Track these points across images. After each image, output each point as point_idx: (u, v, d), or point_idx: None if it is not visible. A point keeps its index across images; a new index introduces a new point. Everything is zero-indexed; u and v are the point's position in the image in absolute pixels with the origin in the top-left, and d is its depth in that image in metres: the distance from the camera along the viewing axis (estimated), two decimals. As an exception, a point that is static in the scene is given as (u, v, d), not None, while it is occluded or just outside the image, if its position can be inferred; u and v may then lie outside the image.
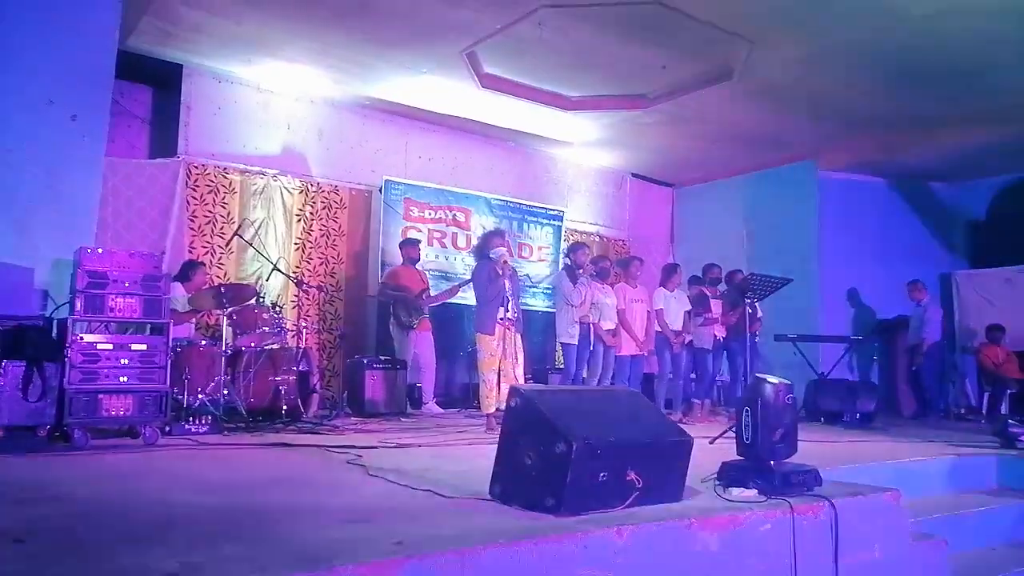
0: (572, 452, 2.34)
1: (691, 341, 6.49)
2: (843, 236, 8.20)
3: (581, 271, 5.75)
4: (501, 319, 4.88)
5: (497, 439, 2.56)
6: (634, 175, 9.48)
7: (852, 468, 3.51)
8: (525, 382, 5.19)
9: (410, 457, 3.63)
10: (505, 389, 4.88)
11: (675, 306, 6.50)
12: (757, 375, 2.98)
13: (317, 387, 5.58)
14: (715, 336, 6.55)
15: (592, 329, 5.91)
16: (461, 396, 7.27)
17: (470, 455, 3.74)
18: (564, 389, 2.74)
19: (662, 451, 2.63)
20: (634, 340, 6.23)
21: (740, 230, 8.85)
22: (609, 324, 6.13)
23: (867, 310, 8.36)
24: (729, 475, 2.92)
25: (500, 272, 4.92)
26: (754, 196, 8.83)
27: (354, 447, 3.85)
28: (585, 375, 5.99)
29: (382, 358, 6.24)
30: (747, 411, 2.91)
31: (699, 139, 8.05)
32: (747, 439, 2.91)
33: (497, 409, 4.82)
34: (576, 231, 8.74)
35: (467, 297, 7.22)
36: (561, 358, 6.17)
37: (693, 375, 6.60)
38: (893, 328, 7.92)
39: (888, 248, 8.35)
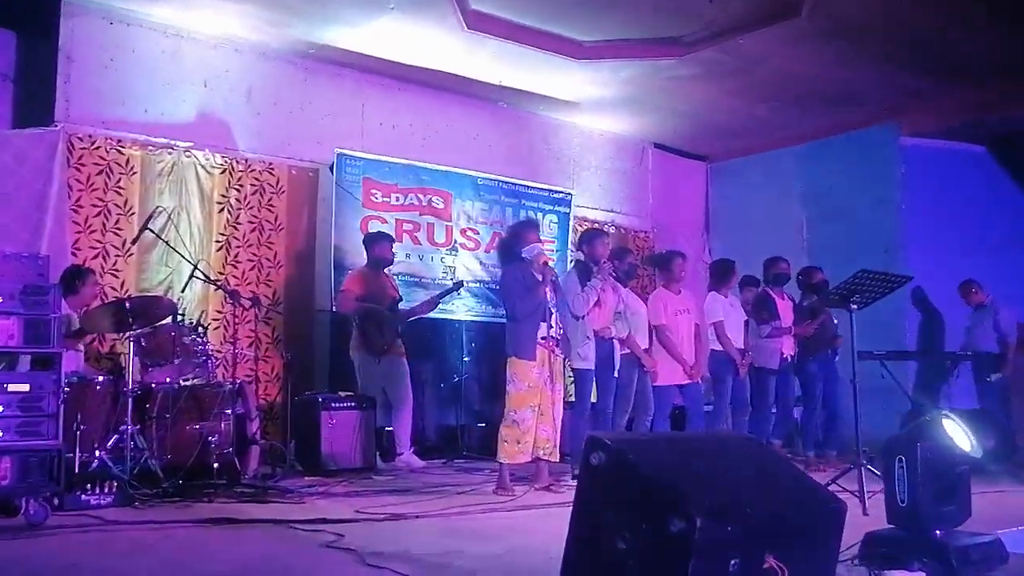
0: (695, 531, 2.13)
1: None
2: (933, 221, 8.18)
3: (598, 271, 5.57)
4: (544, 339, 4.93)
5: (512, 500, 2.47)
6: (658, 146, 9.57)
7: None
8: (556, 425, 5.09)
9: (411, 534, 3.57)
10: (541, 433, 4.98)
11: (735, 317, 6.54)
12: (916, 409, 2.81)
13: (257, 436, 5.38)
14: (782, 353, 6.59)
15: (617, 347, 5.81)
16: (444, 442, 7.27)
17: (495, 529, 3.68)
18: (659, 437, 2.68)
19: (807, 524, 2.45)
20: (681, 365, 6.14)
21: (797, 216, 8.88)
22: (644, 340, 6.07)
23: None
24: (880, 552, 2.80)
25: (540, 277, 4.97)
26: (816, 171, 8.83)
27: (327, 521, 3.76)
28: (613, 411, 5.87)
29: (342, 394, 6.08)
30: (901, 462, 2.82)
31: (746, 97, 8.06)
32: (902, 501, 2.82)
33: (533, 459, 4.89)
34: (585, 219, 8.70)
35: (455, 311, 7.26)
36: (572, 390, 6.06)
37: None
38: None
39: (987, 236, 8.36)
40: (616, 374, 5.80)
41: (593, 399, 5.76)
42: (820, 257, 7.60)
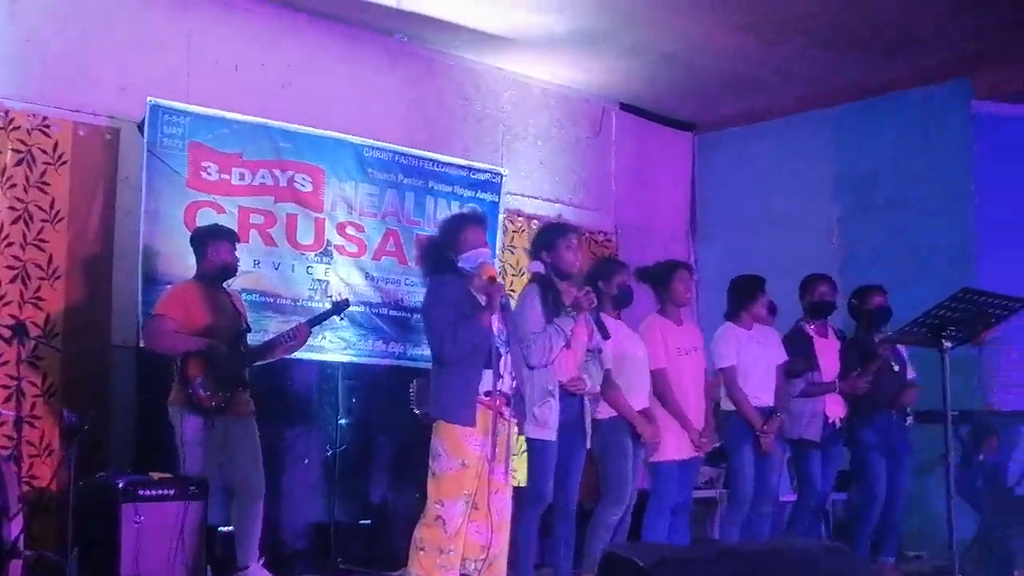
0: None
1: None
2: (1016, 217, 8.29)
3: (574, 300, 5.62)
4: (488, 394, 5.00)
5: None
6: (626, 107, 9.62)
7: None
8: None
9: None
10: (474, 537, 5.06)
11: (758, 357, 6.58)
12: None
13: (20, 544, 5.25)
14: (826, 418, 6.69)
15: (588, 406, 5.94)
16: (310, 549, 7.19)
17: None
18: (713, 554, 2.75)
19: None
20: (687, 431, 6.26)
21: (825, 209, 9.00)
22: (640, 398, 6.17)
23: None
24: None
25: (484, 300, 5.06)
26: (854, 146, 8.97)
27: None
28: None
29: (155, 477, 5.85)
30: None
31: (757, 35, 8.13)
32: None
33: None
34: (519, 212, 8.81)
35: (327, 348, 7.31)
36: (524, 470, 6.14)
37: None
38: None
39: None
40: (588, 444, 5.88)
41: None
42: (857, 269, 7.77)
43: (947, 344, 5.58)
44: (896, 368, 6.77)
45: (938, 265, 8.10)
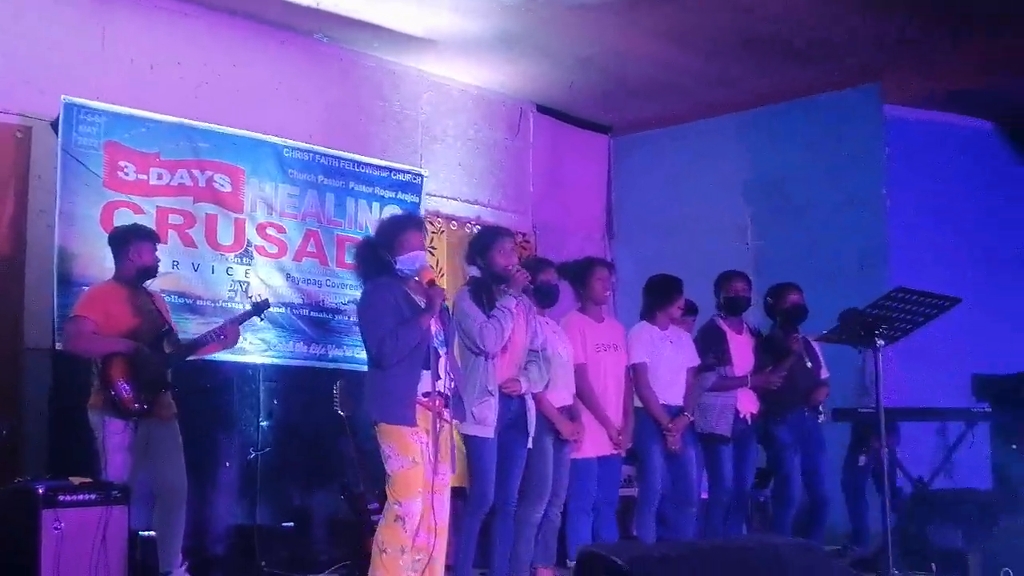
0: None
1: (691, 422, 6.72)
2: (927, 223, 8.56)
3: (509, 284, 5.68)
4: (427, 395, 5.01)
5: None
6: (543, 109, 9.75)
7: None
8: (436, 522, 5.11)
9: None
10: (417, 539, 5.01)
11: (671, 357, 6.62)
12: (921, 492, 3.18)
13: None
14: (738, 412, 6.73)
15: (531, 406, 5.95)
16: (233, 553, 7.11)
17: None
18: (689, 551, 2.77)
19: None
20: (606, 427, 6.31)
21: (739, 213, 9.13)
22: (563, 395, 6.19)
23: (969, 356, 8.70)
24: None
25: (427, 301, 5.09)
26: (767, 150, 9.05)
27: None
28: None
29: (75, 482, 5.74)
30: None
31: (675, 41, 8.22)
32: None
33: None
34: (438, 214, 8.88)
35: (248, 351, 7.26)
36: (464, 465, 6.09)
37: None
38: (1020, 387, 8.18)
39: (1003, 240, 8.84)
40: (530, 444, 5.88)
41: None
42: (770, 271, 7.83)
43: (879, 342, 5.68)
44: (810, 365, 6.83)
45: (850, 267, 8.21)
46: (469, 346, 5.69)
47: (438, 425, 5.04)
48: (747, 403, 6.75)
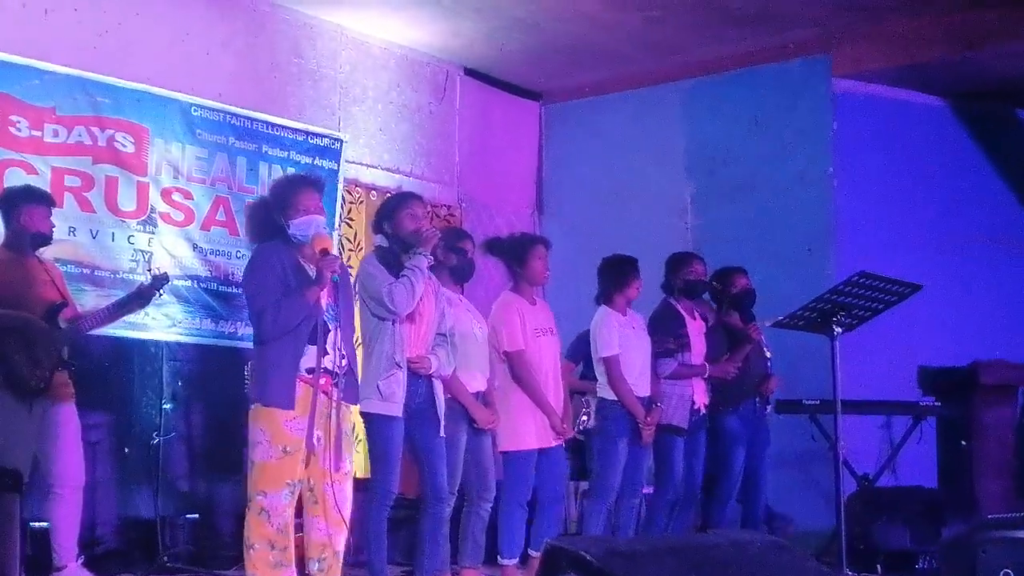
0: None
1: None
2: (877, 204, 8.72)
3: (420, 249, 5.60)
4: (310, 372, 4.97)
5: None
6: (471, 72, 9.70)
7: None
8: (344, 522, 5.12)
9: None
10: (314, 534, 5.07)
11: (636, 344, 6.68)
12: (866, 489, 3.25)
13: None
14: (693, 403, 6.85)
15: (439, 388, 5.88)
16: (132, 546, 7.09)
17: None
18: (658, 547, 2.84)
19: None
20: (548, 416, 6.32)
21: (678, 190, 9.21)
22: (478, 380, 6.16)
23: (916, 347, 8.81)
24: None
25: (317, 271, 5.03)
26: (709, 123, 9.13)
27: None
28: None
29: None
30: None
31: (607, 2, 8.26)
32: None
33: None
34: (356, 182, 8.88)
35: (149, 326, 7.21)
36: (366, 451, 6.05)
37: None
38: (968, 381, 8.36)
39: (954, 224, 8.95)
40: (442, 432, 5.81)
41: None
42: (711, 251, 7.85)
43: (837, 330, 5.82)
44: (769, 354, 6.99)
45: (796, 249, 8.34)
46: (374, 310, 5.60)
47: (325, 405, 4.98)
48: (701, 393, 6.86)
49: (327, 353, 4.97)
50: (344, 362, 5.08)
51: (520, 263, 6.46)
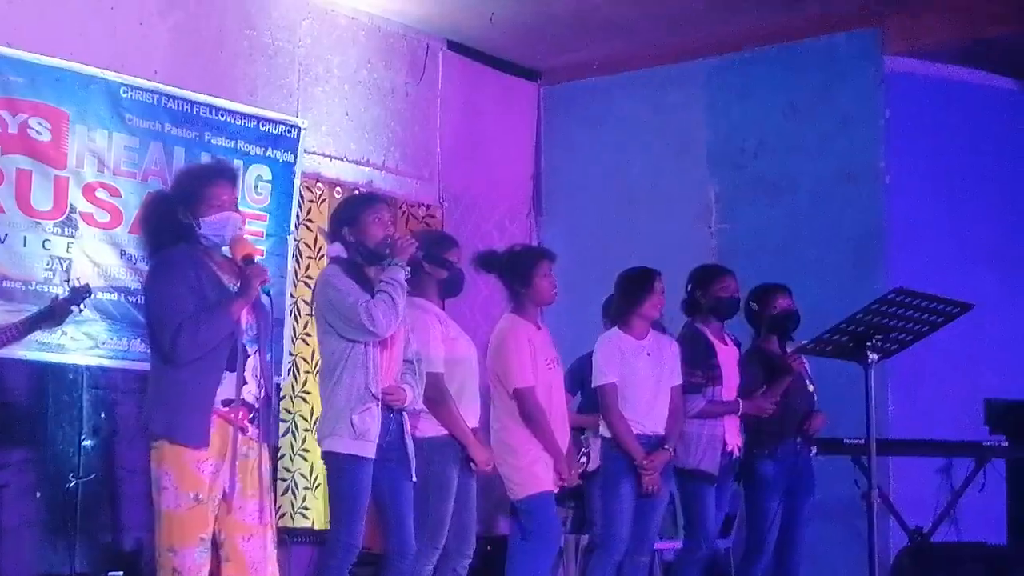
0: None
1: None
2: (933, 201, 8.62)
3: (395, 260, 5.57)
4: (227, 405, 4.83)
5: None
6: (455, 46, 9.74)
7: None
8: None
9: None
10: None
11: (649, 374, 6.61)
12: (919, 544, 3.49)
13: None
14: (725, 444, 6.76)
15: (406, 425, 5.84)
16: None
17: None
18: None
19: None
20: (554, 458, 6.29)
21: (701, 186, 9.20)
22: (472, 414, 6.18)
23: (982, 378, 8.73)
24: None
25: (240, 283, 4.90)
26: (738, 108, 9.15)
27: None
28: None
29: None
30: None
31: None
32: None
33: None
34: (318, 177, 8.79)
35: (68, 347, 7.21)
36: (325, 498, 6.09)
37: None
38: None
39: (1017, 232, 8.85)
40: (414, 477, 5.78)
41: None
42: (739, 263, 7.66)
43: (872, 356, 5.66)
44: (811, 387, 6.89)
45: (839, 258, 8.25)
46: (344, 332, 5.51)
47: (244, 446, 4.84)
48: (733, 433, 6.77)
49: (246, 382, 4.82)
50: (262, 393, 4.95)
51: (524, 282, 6.37)
